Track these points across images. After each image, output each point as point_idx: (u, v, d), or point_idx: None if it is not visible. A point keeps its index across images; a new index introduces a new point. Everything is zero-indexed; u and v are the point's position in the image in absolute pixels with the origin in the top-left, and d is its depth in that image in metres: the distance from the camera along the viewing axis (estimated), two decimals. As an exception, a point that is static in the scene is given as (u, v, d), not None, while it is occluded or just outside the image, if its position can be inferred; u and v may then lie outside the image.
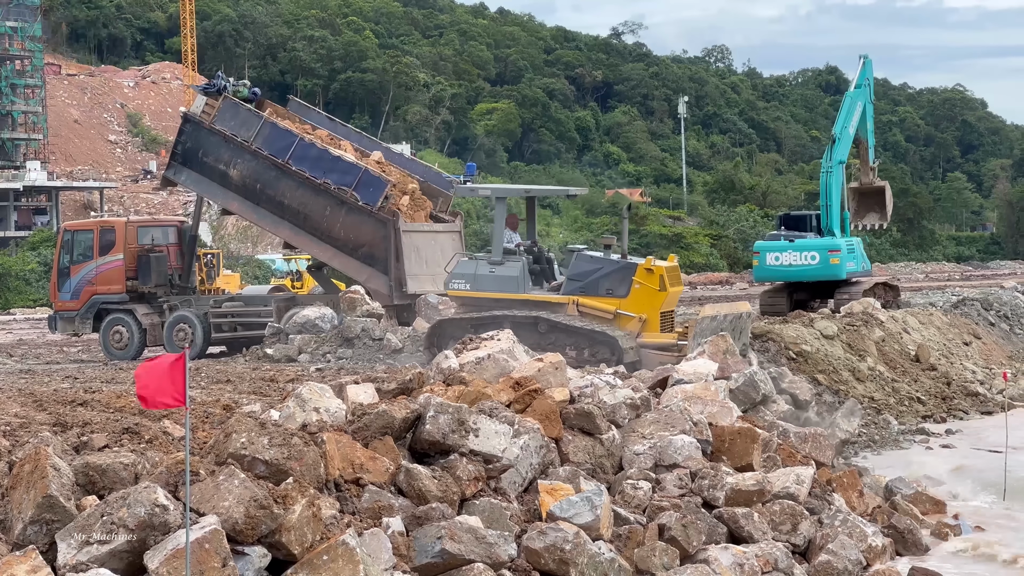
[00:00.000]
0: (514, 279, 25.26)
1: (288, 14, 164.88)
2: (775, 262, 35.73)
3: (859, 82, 38.12)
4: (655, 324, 24.76)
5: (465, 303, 25.83)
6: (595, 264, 25.29)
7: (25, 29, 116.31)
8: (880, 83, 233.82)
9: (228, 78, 32.44)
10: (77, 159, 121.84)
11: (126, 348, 30.44)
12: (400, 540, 12.02)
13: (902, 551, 16.33)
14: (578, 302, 24.91)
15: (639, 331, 24.63)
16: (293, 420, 13.69)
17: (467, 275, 25.65)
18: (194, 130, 31.23)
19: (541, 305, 25.05)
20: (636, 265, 24.91)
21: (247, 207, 30.99)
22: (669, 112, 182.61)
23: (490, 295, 25.31)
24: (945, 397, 29.09)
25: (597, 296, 24.89)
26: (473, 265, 25.81)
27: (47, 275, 56.04)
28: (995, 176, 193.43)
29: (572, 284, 25.17)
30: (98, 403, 15.83)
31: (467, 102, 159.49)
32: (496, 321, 24.88)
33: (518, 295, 25.18)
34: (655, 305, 24.67)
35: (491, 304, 25.23)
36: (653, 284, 24.64)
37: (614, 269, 25.08)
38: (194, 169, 31.29)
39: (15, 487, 10.96)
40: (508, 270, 25.34)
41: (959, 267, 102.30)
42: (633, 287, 24.71)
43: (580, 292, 25.00)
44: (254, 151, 30.10)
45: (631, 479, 15.06)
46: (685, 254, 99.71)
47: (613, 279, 24.98)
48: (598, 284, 25.02)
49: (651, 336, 24.69)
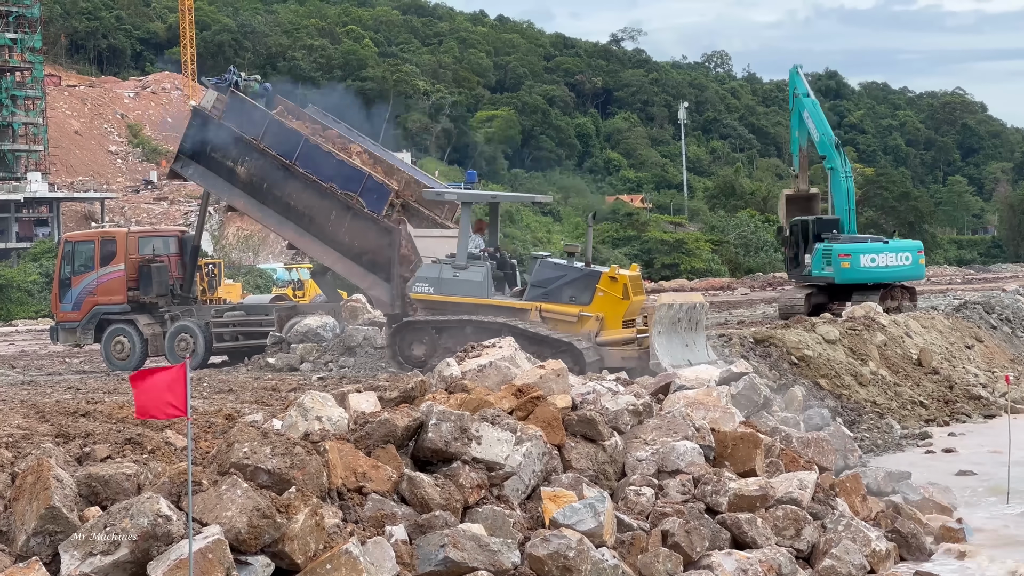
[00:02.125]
0: (478, 284, 25.50)
1: (287, 23, 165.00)
2: (871, 264, 36.11)
3: (803, 92, 38.97)
4: (615, 322, 24.88)
5: (428, 306, 26.04)
6: (559, 271, 25.47)
7: (25, 41, 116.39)
8: (880, 87, 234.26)
9: (240, 72, 32.11)
10: (78, 170, 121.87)
11: (128, 358, 30.41)
12: (403, 548, 12.02)
13: (906, 555, 16.31)
14: (541, 308, 25.10)
15: (598, 330, 24.77)
16: (295, 429, 13.70)
17: (431, 278, 25.92)
18: (203, 124, 30.96)
19: (504, 311, 25.26)
20: (600, 273, 25.07)
21: (253, 205, 30.83)
22: (669, 118, 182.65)
23: (453, 299, 25.57)
24: (948, 401, 29.08)
25: (560, 303, 25.07)
26: (437, 269, 26.04)
27: (48, 286, 56.01)
28: (996, 179, 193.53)
29: (535, 290, 25.37)
30: (100, 414, 15.82)
31: (467, 110, 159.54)
32: (459, 325, 25.29)
33: (481, 300, 25.41)
34: (618, 313, 24.79)
35: (454, 308, 25.50)
36: (617, 293, 24.76)
37: (578, 277, 25.23)
38: (201, 163, 31.05)
39: (18, 498, 10.96)
40: (472, 275, 25.56)
41: (960, 270, 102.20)
42: (596, 295, 24.85)
43: (543, 298, 25.18)
44: (262, 149, 29.90)
45: (634, 485, 15.06)
46: (687, 260, 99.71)
47: (576, 286, 25.13)
48: (561, 291, 25.19)
49: (610, 333, 24.82)
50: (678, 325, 24.29)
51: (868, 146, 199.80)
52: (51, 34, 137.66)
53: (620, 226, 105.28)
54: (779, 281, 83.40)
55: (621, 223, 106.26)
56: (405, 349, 26.21)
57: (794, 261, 37.81)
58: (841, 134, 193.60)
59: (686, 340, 24.37)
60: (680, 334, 24.30)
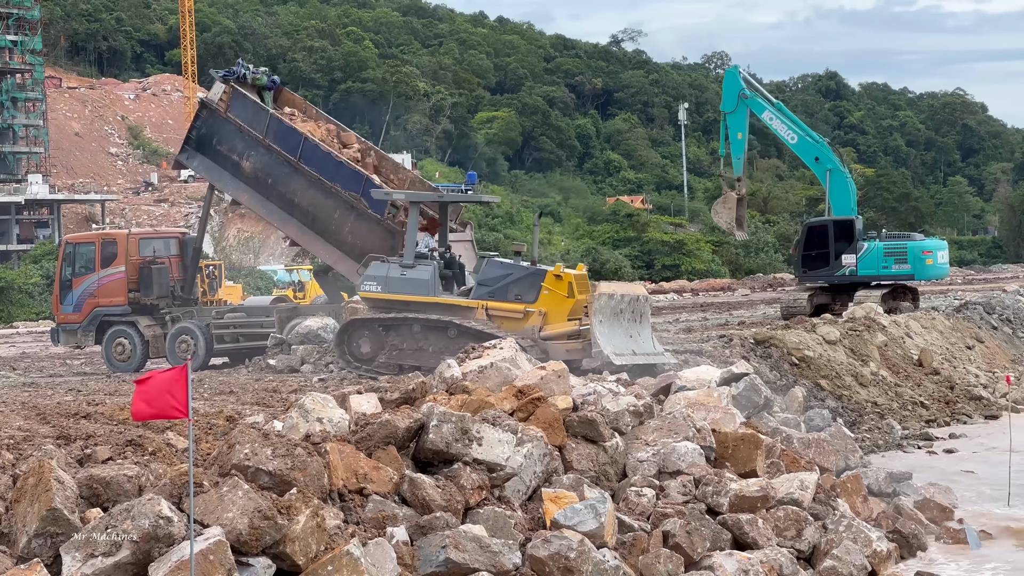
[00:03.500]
0: (425, 282, 25.84)
1: (288, 25, 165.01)
2: (942, 260, 37.24)
3: (750, 94, 39.44)
4: (558, 317, 25.13)
5: (376, 304, 26.32)
6: (505, 270, 25.85)
7: (25, 43, 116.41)
8: (880, 88, 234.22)
9: (248, 65, 31.99)
10: (78, 172, 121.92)
11: (128, 360, 30.39)
12: (404, 550, 12.02)
13: (907, 556, 16.32)
14: (487, 307, 25.44)
15: (541, 325, 25.07)
16: (296, 431, 13.70)
17: (379, 277, 26.24)
18: (209, 117, 30.84)
19: (451, 309, 25.64)
20: (545, 272, 25.41)
21: (256, 200, 30.78)
22: (669, 119, 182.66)
23: (401, 297, 25.91)
24: (948, 401, 29.08)
25: (506, 301, 25.42)
26: (385, 268, 26.37)
27: (49, 288, 56.03)
28: (996, 180, 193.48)
29: (482, 289, 25.73)
30: (101, 416, 15.82)
31: (467, 111, 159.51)
32: (406, 323, 25.69)
33: (428, 298, 25.76)
34: (563, 310, 25.08)
35: (402, 306, 25.85)
36: (562, 291, 25.07)
37: (523, 275, 25.59)
38: (207, 156, 30.97)
39: (19, 500, 10.97)
40: (419, 273, 25.91)
41: (961, 271, 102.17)
42: (542, 293, 25.16)
43: (489, 297, 25.53)
44: (267, 145, 29.86)
45: (635, 486, 15.06)
46: (687, 261, 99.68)
47: (522, 285, 25.46)
48: (507, 289, 25.54)
49: (553, 327, 25.10)
50: (621, 316, 24.66)
51: (868, 147, 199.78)
52: (51, 36, 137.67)
53: (620, 227, 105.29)
54: (779, 282, 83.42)
55: (622, 224, 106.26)
56: (353, 347, 26.53)
57: (815, 262, 37.61)
58: (841, 135, 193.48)
59: (630, 331, 24.74)
60: (624, 325, 24.68)
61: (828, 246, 37.00)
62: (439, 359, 25.13)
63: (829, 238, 37.02)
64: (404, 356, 25.87)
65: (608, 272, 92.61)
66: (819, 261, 37.25)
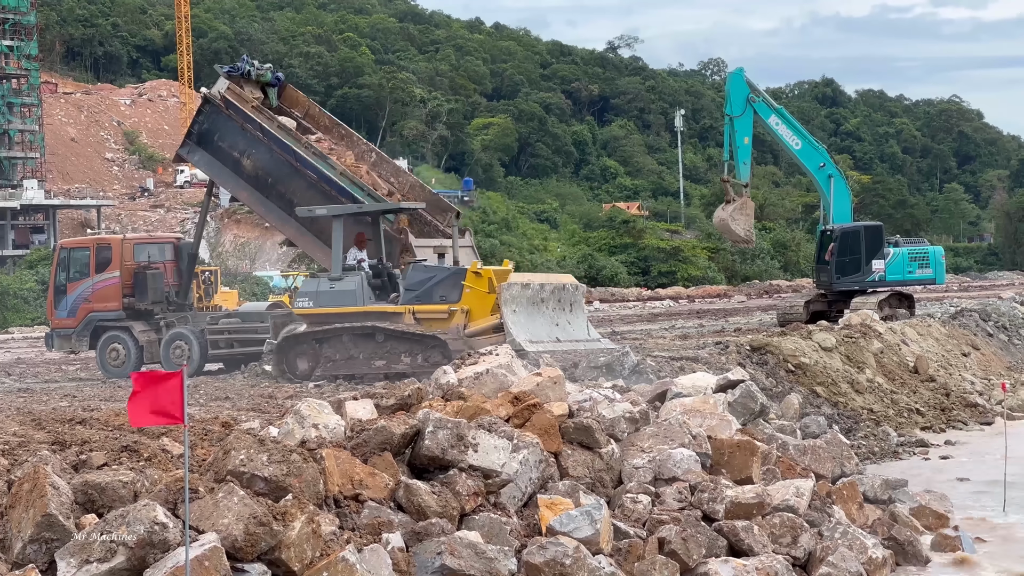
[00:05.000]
0: (352, 293, 26.43)
1: (284, 31, 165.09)
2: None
3: (755, 98, 39.62)
4: (481, 312, 25.69)
5: (310, 320, 26.86)
6: (429, 273, 26.59)
7: (21, 48, 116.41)
8: (876, 95, 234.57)
9: (252, 61, 31.83)
10: (74, 177, 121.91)
11: (123, 366, 30.31)
12: (400, 556, 12.01)
13: (902, 563, 16.31)
14: (414, 311, 26.02)
15: (465, 323, 25.63)
16: (292, 437, 13.68)
17: (311, 293, 27.01)
18: (212, 112, 30.69)
19: (379, 316, 26.22)
20: (465, 270, 26.10)
21: (256, 199, 30.70)
22: (666, 125, 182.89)
23: (332, 310, 26.49)
24: (944, 408, 29.09)
25: (432, 303, 26.06)
26: (316, 283, 27.24)
27: (45, 294, 55.95)
28: (992, 187, 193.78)
29: (409, 294, 26.39)
30: (97, 421, 15.80)
31: (464, 117, 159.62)
32: (336, 334, 26.29)
33: (357, 308, 26.35)
34: (486, 306, 25.62)
35: (334, 319, 26.39)
36: (483, 287, 25.66)
37: (446, 276, 26.36)
38: (208, 151, 30.78)
39: (14, 506, 10.95)
40: (347, 285, 26.52)
41: (957, 278, 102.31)
42: (464, 291, 25.78)
43: (416, 301, 26.17)
44: (269, 144, 29.72)
45: (630, 493, 15.04)
46: (683, 267, 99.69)
47: (445, 285, 26.16)
48: (432, 292, 26.21)
49: (477, 323, 25.66)
50: (543, 305, 25.40)
51: (865, 153, 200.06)
52: (47, 41, 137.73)
53: (617, 234, 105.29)
54: (776, 288, 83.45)
55: (618, 231, 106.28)
56: (290, 363, 27.02)
57: (848, 268, 37.76)
58: (837, 142, 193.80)
59: (556, 320, 25.44)
60: (547, 314, 25.41)
61: (860, 252, 37.32)
62: (370, 366, 25.82)
63: (861, 244, 37.34)
64: (338, 367, 26.34)
65: (604, 278, 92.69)
66: (852, 267, 37.67)
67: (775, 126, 39.55)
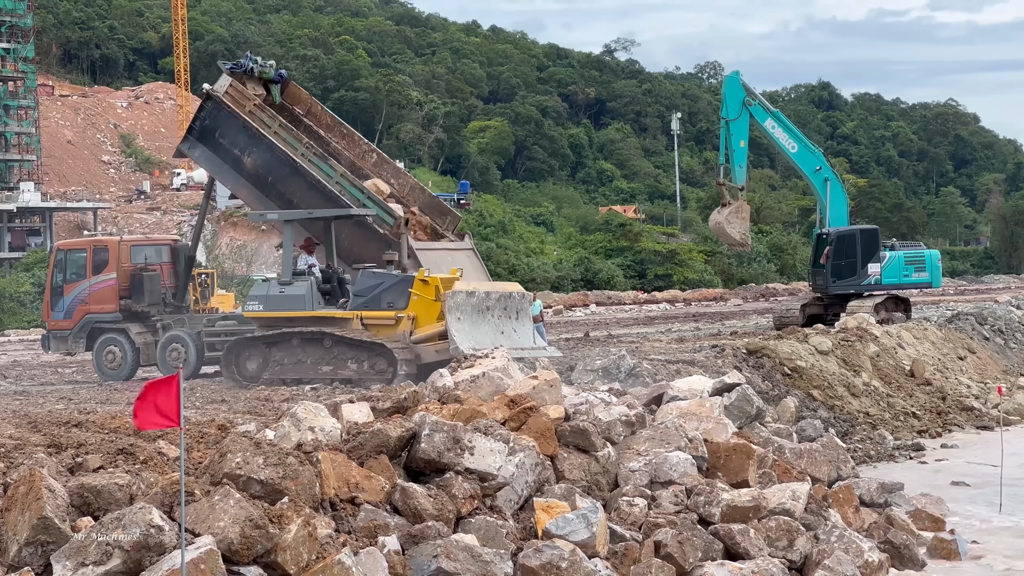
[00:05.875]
0: (301, 297, 26.72)
1: (281, 33, 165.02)
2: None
3: (751, 101, 39.73)
4: (428, 319, 25.92)
5: (260, 323, 27.11)
6: (377, 279, 26.71)
7: (18, 50, 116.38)
8: (872, 98, 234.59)
9: (255, 58, 31.69)
10: (71, 180, 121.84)
11: (119, 368, 30.25)
12: (396, 559, 12.00)
13: (898, 566, 16.31)
14: (362, 316, 26.29)
15: (411, 329, 25.94)
16: (288, 440, 13.68)
17: (261, 297, 27.28)
18: (214, 109, 30.57)
19: (327, 321, 26.47)
20: (412, 278, 26.30)
21: (255, 197, 30.62)
22: (662, 128, 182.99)
23: (281, 314, 26.78)
24: (940, 412, 29.10)
25: (379, 310, 26.29)
26: (266, 287, 27.54)
27: (41, 296, 55.90)
28: (988, 190, 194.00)
29: (357, 300, 26.63)
30: (93, 424, 15.77)
31: (460, 120, 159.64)
32: (285, 338, 26.46)
33: (306, 312, 26.62)
34: (432, 313, 25.84)
35: (283, 323, 26.64)
36: (429, 295, 25.89)
37: (394, 283, 26.52)
38: (209, 147, 30.69)
39: (10, 509, 10.94)
40: (296, 289, 26.81)
41: (953, 282, 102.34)
42: (411, 298, 26.03)
43: (364, 307, 26.40)
44: (270, 143, 29.62)
45: (627, 496, 15.04)
46: (679, 271, 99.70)
47: (393, 292, 26.37)
48: (380, 298, 26.43)
49: (423, 330, 25.92)
50: (488, 313, 25.56)
51: (861, 157, 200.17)
52: (44, 44, 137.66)
53: (613, 237, 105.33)
54: (772, 292, 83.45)
55: (614, 234, 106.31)
56: (240, 366, 27.16)
57: (844, 271, 37.80)
58: (834, 145, 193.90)
59: (501, 328, 25.61)
60: (492, 321, 25.56)
61: (856, 255, 37.34)
62: (317, 371, 26.01)
63: (856, 248, 37.35)
64: (286, 370, 26.50)
65: (600, 281, 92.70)
66: (848, 271, 37.68)
67: (771, 129, 39.56)
